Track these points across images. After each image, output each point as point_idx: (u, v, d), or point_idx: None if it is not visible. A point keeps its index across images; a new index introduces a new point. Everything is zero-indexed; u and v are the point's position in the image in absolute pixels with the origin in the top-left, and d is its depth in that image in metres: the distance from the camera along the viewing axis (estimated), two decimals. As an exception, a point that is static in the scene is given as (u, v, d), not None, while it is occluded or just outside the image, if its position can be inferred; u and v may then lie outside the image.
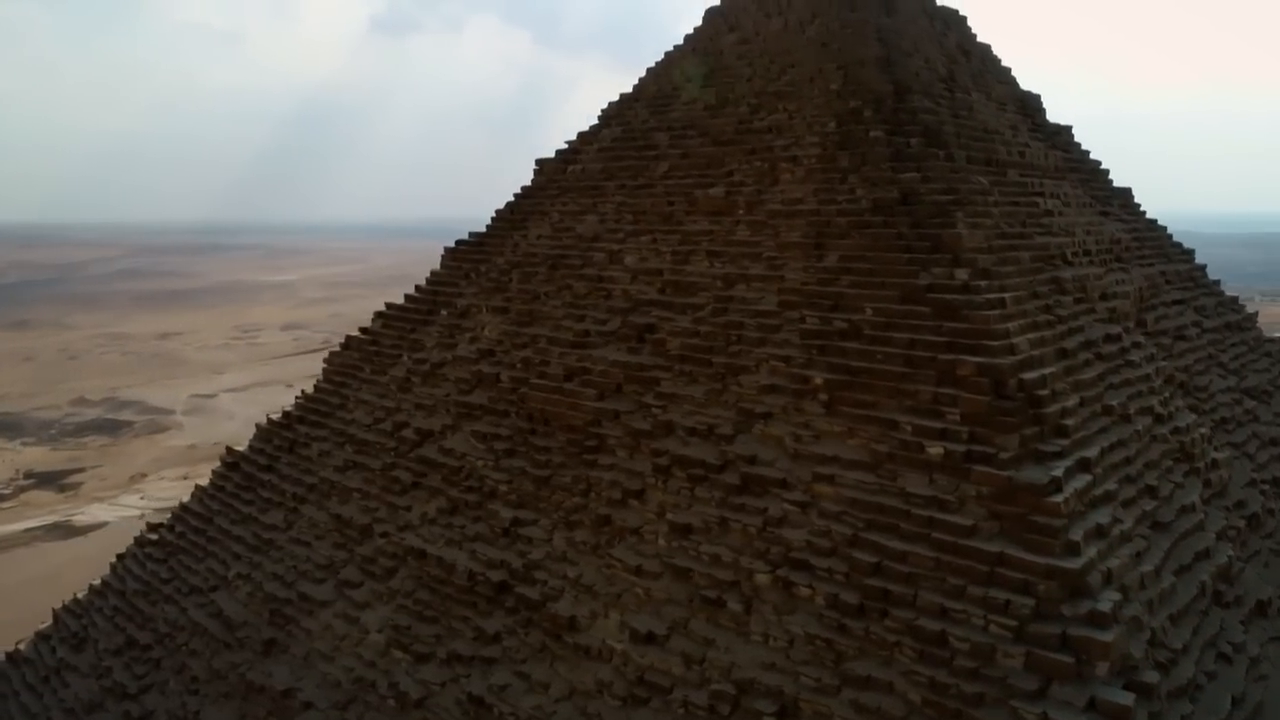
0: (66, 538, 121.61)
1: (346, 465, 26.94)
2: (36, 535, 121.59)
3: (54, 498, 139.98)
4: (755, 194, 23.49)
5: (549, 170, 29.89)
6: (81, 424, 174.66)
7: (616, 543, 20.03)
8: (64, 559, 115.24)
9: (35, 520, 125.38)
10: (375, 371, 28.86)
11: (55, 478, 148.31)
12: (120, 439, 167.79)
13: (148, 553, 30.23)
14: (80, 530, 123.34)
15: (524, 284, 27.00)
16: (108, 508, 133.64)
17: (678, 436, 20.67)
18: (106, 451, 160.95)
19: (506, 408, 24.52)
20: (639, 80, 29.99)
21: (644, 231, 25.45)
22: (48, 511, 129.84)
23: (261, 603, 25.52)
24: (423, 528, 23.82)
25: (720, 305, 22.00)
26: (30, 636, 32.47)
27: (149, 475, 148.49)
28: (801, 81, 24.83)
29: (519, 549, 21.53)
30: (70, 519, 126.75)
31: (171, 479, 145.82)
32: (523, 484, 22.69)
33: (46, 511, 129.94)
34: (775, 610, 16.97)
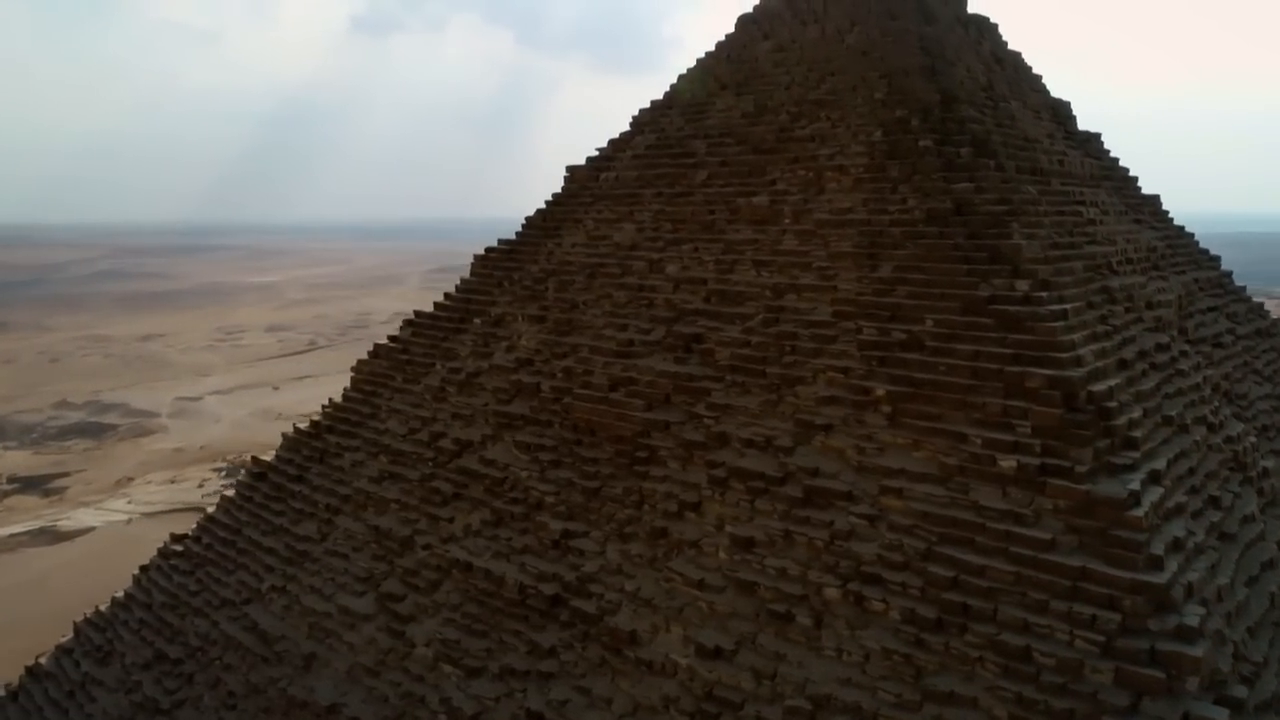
0: (53, 543, 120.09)
1: (382, 476, 26.67)
2: (21, 541, 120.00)
3: (38, 502, 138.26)
4: (801, 203, 23.42)
5: (580, 177, 29.71)
6: (65, 427, 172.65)
7: (674, 556, 19.90)
8: (51, 564, 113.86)
9: (20, 525, 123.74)
10: (407, 380, 28.60)
11: (39, 482, 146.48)
12: (105, 442, 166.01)
13: (173, 564, 29.82)
14: (66, 535, 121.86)
15: (561, 292, 26.81)
16: (94, 512, 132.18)
17: (733, 448, 20.56)
18: (91, 455, 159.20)
19: (549, 418, 24.33)
20: (671, 87, 29.82)
21: (685, 240, 25.32)
22: (33, 516, 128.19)
23: (299, 616, 25.23)
24: (467, 540, 23.60)
25: (771, 315, 21.91)
26: (50, 650, 31.94)
27: (135, 479, 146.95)
28: (843, 90, 24.77)
29: (571, 561, 21.37)
30: (56, 524, 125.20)
31: (158, 483, 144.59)
32: (571, 495, 22.51)
33: (31, 516, 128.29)
34: (848, 625, 16.90)
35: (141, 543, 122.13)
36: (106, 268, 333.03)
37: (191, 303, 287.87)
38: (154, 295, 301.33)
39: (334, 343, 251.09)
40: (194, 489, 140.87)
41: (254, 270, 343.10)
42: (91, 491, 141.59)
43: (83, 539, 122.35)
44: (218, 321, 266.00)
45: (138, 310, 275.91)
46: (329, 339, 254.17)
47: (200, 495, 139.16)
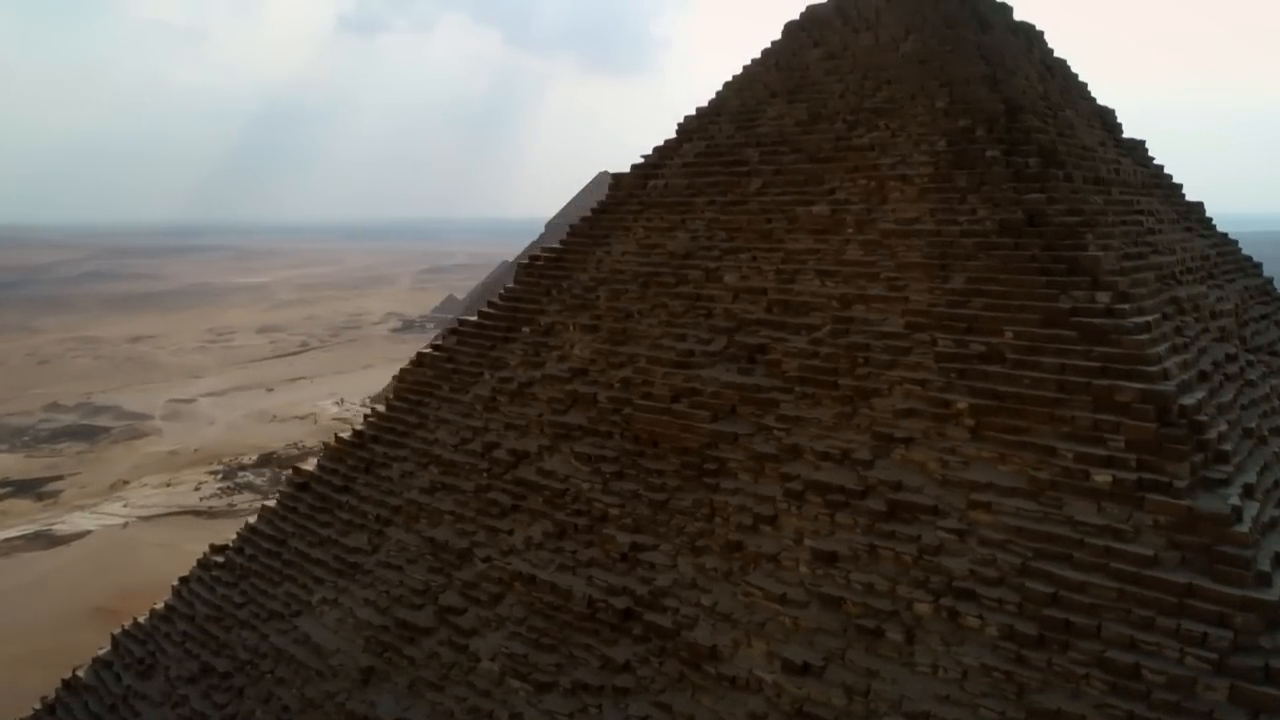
0: (48, 547, 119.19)
1: (434, 487, 26.44)
2: (16, 545, 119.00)
3: (32, 506, 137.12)
4: (864, 212, 23.32)
5: (627, 185, 29.53)
6: (56, 430, 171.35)
7: (751, 569, 19.76)
8: (47, 568, 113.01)
9: (15, 530, 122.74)
10: (455, 390, 28.36)
11: (33, 485, 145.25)
12: (98, 445, 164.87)
13: (215, 576, 29.49)
14: (62, 539, 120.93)
15: (613, 302, 26.64)
16: (90, 516, 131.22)
17: (808, 461, 20.45)
18: (84, 458, 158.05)
19: (609, 429, 24.16)
20: (717, 94, 29.68)
21: (742, 249, 25.20)
22: (27, 520, 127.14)
23: (353, 629, 24.99)
24: (528, 552, 23.41)
25: (840, 326, 21.80)
26: (87, 662, 31.56)
27: (130, 482, 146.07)
28: (902, 99, 24.69)
29: (641, 575, 21.21)
30: (51, 528, 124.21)
31: (154, 486, 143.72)
32: (637, 508, 22.35)
33: (26, 520, 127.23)
34: (942, 641, 16.80)
35: (138, 546, 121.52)
36: (93, 268, 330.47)
37: (181, 304, 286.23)
38: (143, 296, 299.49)
39: (326, 344, 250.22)
40: (190, 492, 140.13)
41: (243, 271, 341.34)
42: (86, 495, 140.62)
43: (79, 543, 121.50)
44: (208, 323, 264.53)
45: (126, 311, 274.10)
46: (321, 340, 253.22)
47: (197, 499, 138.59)
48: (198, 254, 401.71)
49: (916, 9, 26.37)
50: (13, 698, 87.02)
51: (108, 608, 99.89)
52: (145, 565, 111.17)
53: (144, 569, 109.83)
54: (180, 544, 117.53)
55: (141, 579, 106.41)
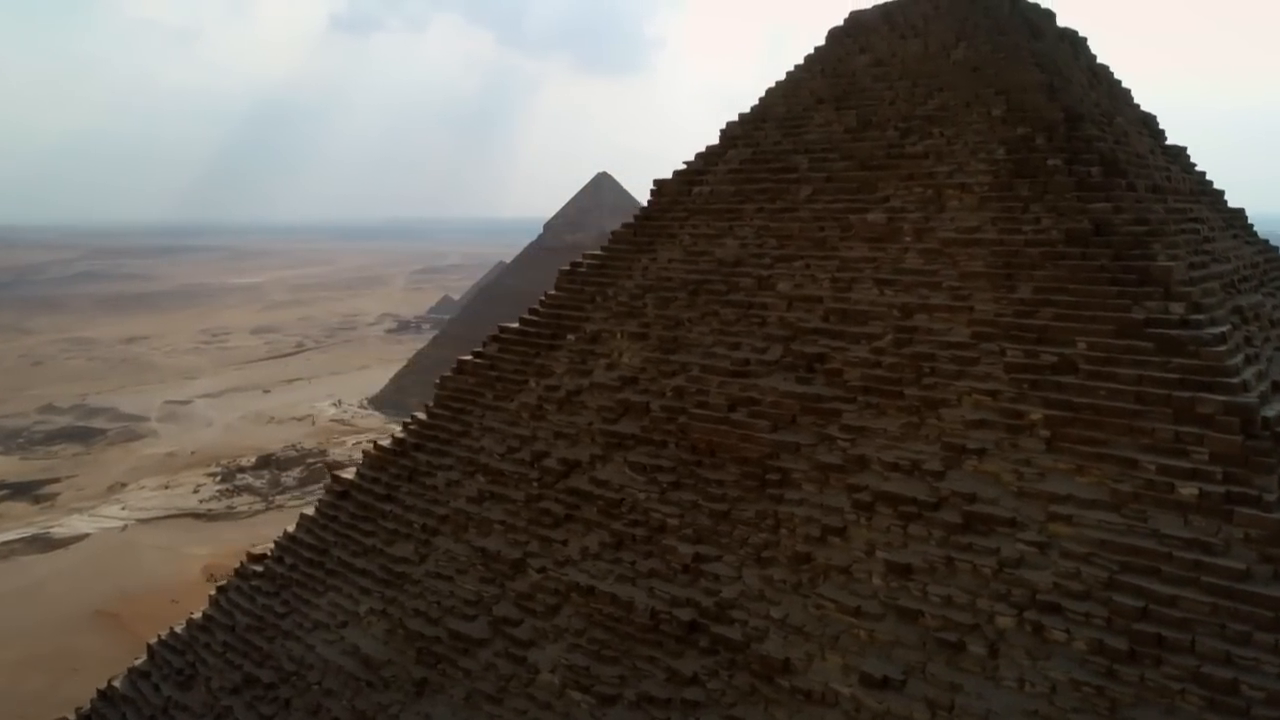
0: (46, 550, 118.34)
1: (482, 496, 26.24)
2: (14, 548, 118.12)
3: (29, 509, 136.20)
4: (922, 221, 23.22)
5: (670, 191, 29.37)
6: (51, 432, 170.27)
7: (821, 581, 19.63)
8: (45, 572, 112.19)
9: (12, 533, 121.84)
10: (499, 398, 28.15)
11: (29, 488, 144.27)
12: (94, 447, 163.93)
13: (255, 585, 29.20)
14: (60, 543, 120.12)
15: (661, 309, 26.48)
16: (88, 519, 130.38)
17: (875, 471, 20.33)
18: (81, 460, 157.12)
19: (664, 438, 24.00)
20: (760, 100, 29.56)
21: (794, 257, 25.07)
22: (24, 523, 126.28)
23: (404, 640, 24.77)
24: (585, 563, 23.24)
25: (902, 336, 21.69)
26: (123, 673, 31.25)
27: (128, 485, 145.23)
28: (956, 106, 24.61)
29: (705, 586, 21.06)
30: (49, 531, 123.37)
31: (152, 488, 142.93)
32: (697, 518, 22.20)
33: (23, 524, 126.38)
34: (1028, 655, 16.70)
35: (137, 549, 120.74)
36: (86, 269, 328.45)
37: (174, 304, 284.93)
38: (136, 297, 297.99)
39: (322, 345, 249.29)
40: (189, 494, 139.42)
41: (236, 271, 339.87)
42: (84, 497, 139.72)
43: (77, 546, 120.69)
44: (202, 323, 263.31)
45: (120, 312, 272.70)
46: (316, 341, 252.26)
47: (196, 501, 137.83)
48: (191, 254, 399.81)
49: (966, 16, 26.30)
50: (14, 702, 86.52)
51: (108, 611, 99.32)
52: (145, 568, 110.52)
53: (143, 572, 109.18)
54: (180, 547, 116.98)
55: (141, 582, 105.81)
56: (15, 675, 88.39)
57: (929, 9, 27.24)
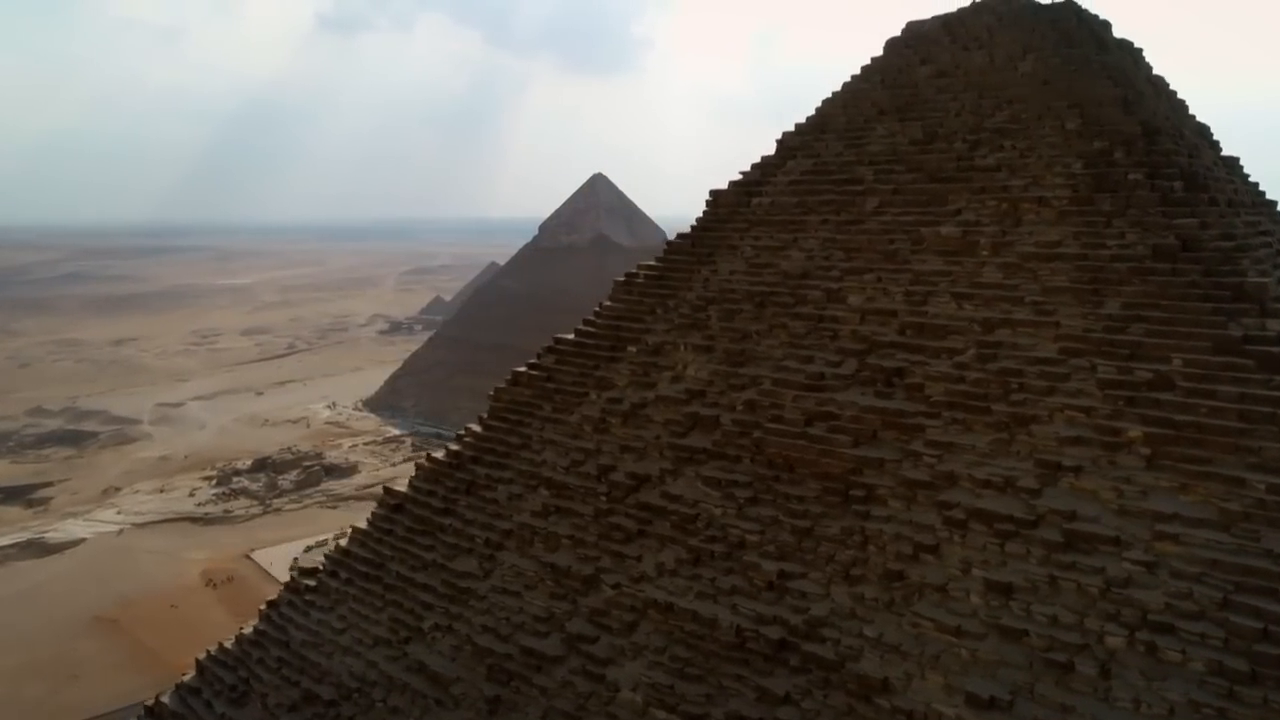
0: (42, 555, 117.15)
1: (547, 510, 26.00)
2: (9, 553, 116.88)
3: (22, 514, 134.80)
4: (999, 235, 23.16)
5: (728, 202, 29.22)
6: (42, 435, 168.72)
7: (916, 599, 19.52)
8: (42, 577, 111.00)
9: (6, 538, 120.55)
10: (558, 410, 27.92)
11: (21, 492, 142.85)
12: (86, 451, 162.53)
13: (308, 600, 28.86)
14: (56, 547, 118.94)
15: (727, 322, 26.33)
16: (83, 523, 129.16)
17: (965, 488, 20.24)
18: (73, 464, 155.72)
19: (738, 452, 23.85)
20: (818, 110, 29.44)
21: (864, 270, 24.97)
22: (19, 528, 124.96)
23: (472, 657, 24.53)
24: (662, 579, 23.05)
25: (986, 351, 21.61)
26: (169, 689, 30.82)
27: (122, 489, 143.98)
28: (1027, 119, 24.57)
29: (792, 604, 20.91)
30: (44, 536, 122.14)
31: (147, 492, 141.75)
32: (778, 535, 22.06)
33: (17, 528, 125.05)
34: (1142, 675, 16.62)
35: (134, 554, 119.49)
36: (72, 269, 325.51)
37: (162, 306, 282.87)
38: (123, 298, 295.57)
39: (314, 346, 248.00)
40: (185, 498, 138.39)
41: (224, 272, 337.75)
42: (78, 502, 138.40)
43: (73, 551, 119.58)
44: (191, 325, 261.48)
45: (107, 313, 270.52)
46: (308, 342, 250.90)
47: (193, 504, 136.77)
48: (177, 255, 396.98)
49: (1032, 28, 26.27)
50: (15, 709, 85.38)
51: (107, 617, 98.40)
52: (142, 573, 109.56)
53: (141, 577, 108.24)
54: (177, 551, 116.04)
55: (139, 587, 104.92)
56: (15, 682, 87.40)
57: (992, 20, 27.19)
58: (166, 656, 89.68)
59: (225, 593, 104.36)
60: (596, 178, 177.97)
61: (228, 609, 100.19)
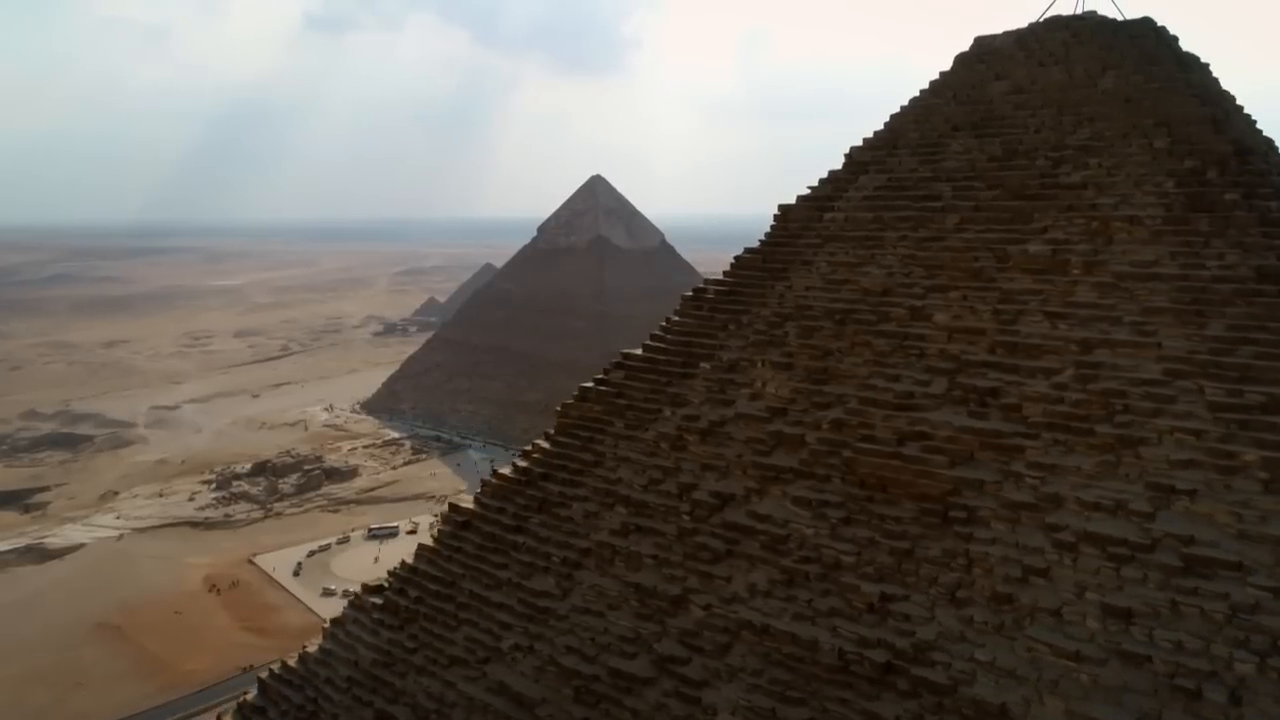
0: (41, 561, 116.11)
1: (626, 529, 25.80)
2: (8, 559, 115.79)
3: (20, 519, 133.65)
4: (1091, 253, 23.13)
5: (798, 218, 29.09)
6: (36, 439, 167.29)
7: (1028, 623, 19.42)
8: (42, 584, 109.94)
9: (5, 544, 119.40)
10: (630, 427, 27.71)
11: (18, 497, 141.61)
12: (81, 454, 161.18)
13: (376, 619, 28.56)
14: (55, 553, 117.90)
15: (805, 339, 26.19)
16: (82, 528, 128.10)
17: (1072, 510, 20.16)
18: (69, 468, 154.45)
19: (827, 472, 23.71)
20: (888, 124, 29.34)
21: (948, 287, 24.88)
22: (17, 534, 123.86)
23: (557, 678, 24.31)
24: (754, 600, 22.89)
25: (1086, 371, 21.55)
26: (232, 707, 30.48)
27: (120, 493, 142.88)
28: (1112, 136, 24.55)
29: (896, 627, 20.79)
30: (43, 541, 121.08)
31: (146, 496, 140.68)
32: (876, 556, 21.93)
33: (15, 534, 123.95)
34: (1276, 702, 16.56)
35: (135, 559, 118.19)
36: (60, 271, 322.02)
37: (152, 307, 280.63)
38: (113, 300, 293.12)
39: (307, 348, 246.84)
40: (184, 502, 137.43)
41: (214, 273, 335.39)
42: (75, 506, 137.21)
43: (72, 556, 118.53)
44: (182, 327, 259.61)
45: (98, 315, 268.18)
46: (302, 344, 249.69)
47: (192, 509, 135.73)
48: (167, 256, 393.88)
49: (1110, 45, 26.26)
50: (21, 718, 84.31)
51: (110, 623, 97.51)
52: (144, 579, 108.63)
53: (143, 582, 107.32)
54: (178, 556, 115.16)
55: (141, 593, 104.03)
56: (19, 690, 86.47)
57: (1067, 37, 27.16)
58: (172, 663, 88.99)
59: (229, 598, 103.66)
60: (595, 180, 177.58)
61: (232, 614, 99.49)
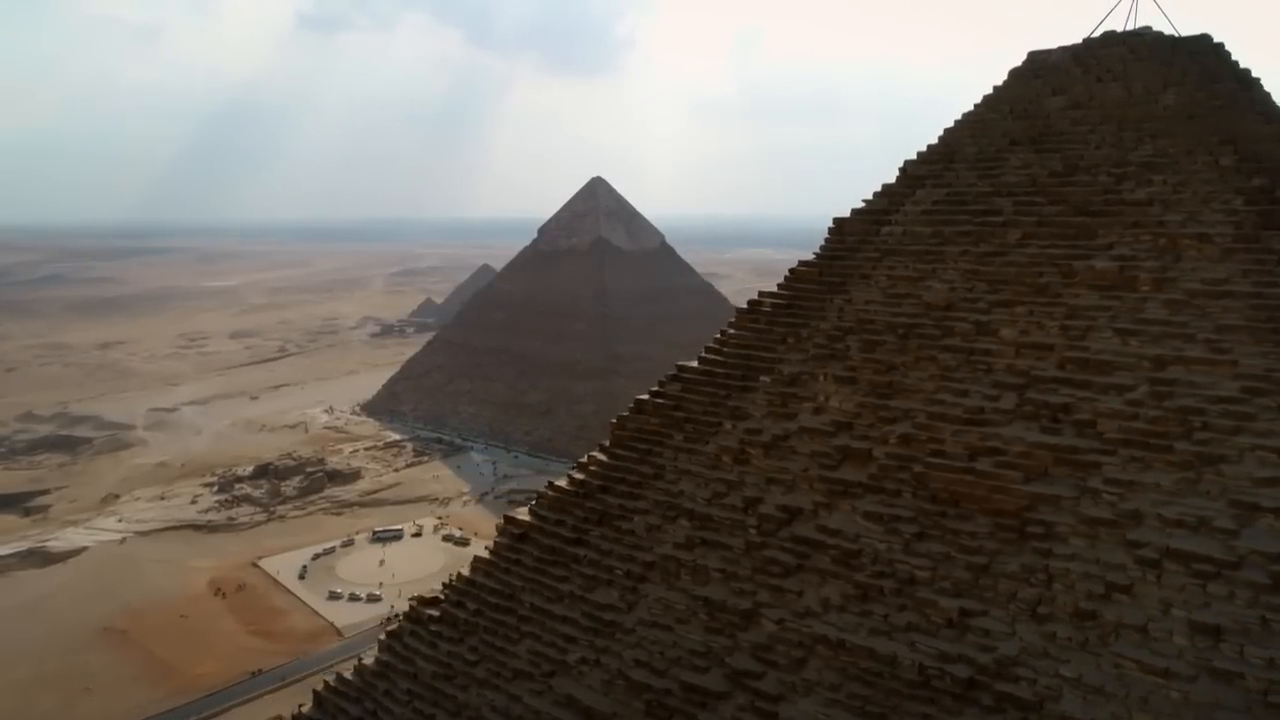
0: (44, 565, 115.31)
1: (691, 542, 25.89)
2: (10, 563, 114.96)
3: (20, 522, 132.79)
4: (1160, 270, 23.34)
5: (855, 231, 29.23)
6: (34, 441, 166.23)
7: (1113, 639, 19.60)
8: (46, 588, 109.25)
9: (6, 547, 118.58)
10: (690, 440, 27.81)
11: (18, 500, 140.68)
12: (80, 457, 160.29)
13: (434, 631, 28.58)
14: (58, 557, 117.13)
15: (868, 353, 26.33)
16: (84, 532, 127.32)
17: (1154, 527, 20.35)
18: (69, 471, 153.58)
19: (897, 486, 23.86)
20: (942, 139, 29.52)
21: (1013, 302, 25.06)
22: (18, 537, 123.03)
23: (627, 691, 24.40)
24: (828, 615, 23.03)
25: (1160, 389, 21.75)
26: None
27: (122, 496, 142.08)
28: (1176, 153, 24.78)
29: (976, 642, 20.94)
30: (45, 545, 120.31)
31: (147, 499, 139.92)
32: (952, 571, 22.09)
33: (17, 537, 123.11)
34: (1374, 720, 16.79)
35: (139, 563, 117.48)
36: (52, 271, 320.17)
37: (147, 308, 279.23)
38: (106, 301, 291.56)
39: (304, 349, 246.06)
40: (187, 505, 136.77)
41: (208, 274, 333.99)
42: (77, 509, 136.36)
43: (75, 560, 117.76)
44: (178, 328, 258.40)
45: (92, 316, 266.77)
46: (299, 345, 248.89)
47: (195, 512, 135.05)
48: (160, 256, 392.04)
49: (1170, 61, 26.47)
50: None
51: (116, 628, 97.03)
52: (148, 582, 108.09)
53: (147, 586, 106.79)
54: (182, 559, 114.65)
55: (146, 597, 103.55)
56: (26, 696, 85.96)
57: (1124, 53, 27.38)
58: (181, 667, 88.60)
59: (235, 601, 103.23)
60: (596, 181, 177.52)
61: (238, 618, 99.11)
